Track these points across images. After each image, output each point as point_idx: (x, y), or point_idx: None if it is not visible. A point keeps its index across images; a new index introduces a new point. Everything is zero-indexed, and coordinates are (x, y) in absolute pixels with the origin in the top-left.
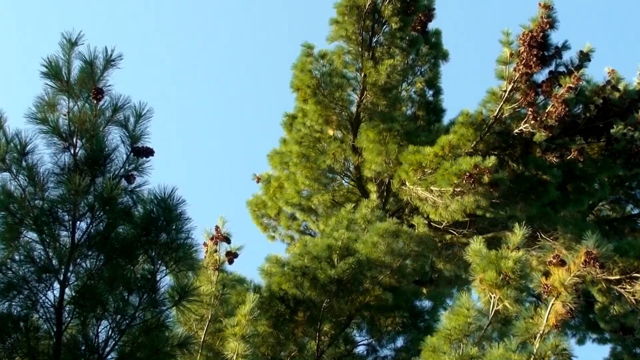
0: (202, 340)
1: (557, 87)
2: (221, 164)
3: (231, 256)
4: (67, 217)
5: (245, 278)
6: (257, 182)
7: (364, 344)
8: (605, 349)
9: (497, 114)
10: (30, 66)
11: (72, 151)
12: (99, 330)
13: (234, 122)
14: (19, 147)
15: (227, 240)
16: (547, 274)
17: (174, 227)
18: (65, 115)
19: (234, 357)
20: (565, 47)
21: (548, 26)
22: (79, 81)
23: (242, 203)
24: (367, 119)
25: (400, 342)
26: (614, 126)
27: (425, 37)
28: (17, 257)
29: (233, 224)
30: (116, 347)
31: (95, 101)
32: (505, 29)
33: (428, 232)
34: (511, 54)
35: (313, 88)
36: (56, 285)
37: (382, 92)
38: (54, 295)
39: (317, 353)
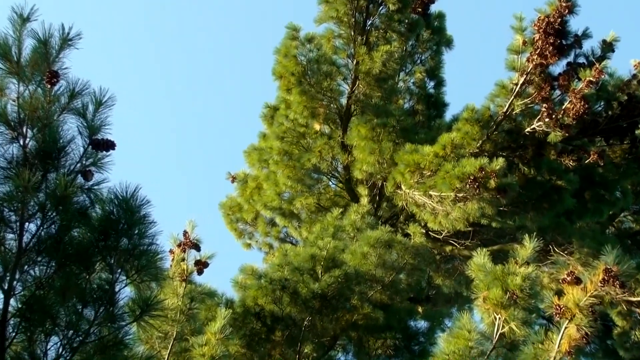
0: None
1: (576, 80)
2: (192, 160)
3: (201, 266)
4: (14, 217)
5: (216, 291)
6: (232, 181)
7: None
8: None
9: (507, 110)
10: None
11: (21, 142)
12: (48, 347)
13: (206, 113)
14: None
15: (196, 247)
16: (560, 294)
17: (136, 231)
18: (14, 100)
19: None
20: (586, 35)
21: (567, 11)
22: (30, 62)
23: (215, 205)
24: (359, 112)
25: None
26: None
27: (427, 21)
28: None
29: (204, 229)
30: None
31: (49, 86)
32: (518, 12)
33: (425, 243)
34: (524, 42)
35: (298, 76)
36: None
37: (376, 83)
38: None
39: None
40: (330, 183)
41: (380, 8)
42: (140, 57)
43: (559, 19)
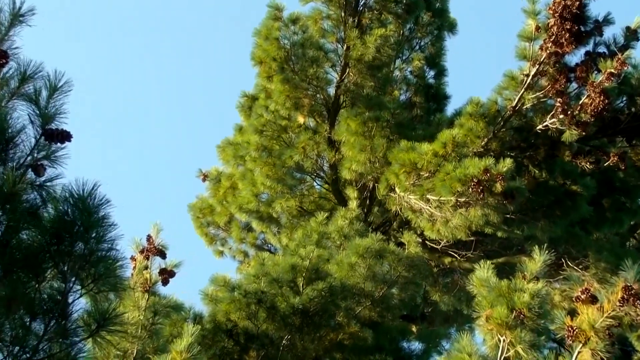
0: None
1: (595, 72)
2: (158, 156)
3: (166, 275)
4: None
5: (183, 304)
6: (203, 180)
7: None
8: None
9: (517, 105)
10: None
11: None
12: None
13: (176, 102)
14: None
15: (161, 254)
16: (573, 314)
17: (93, 234)
18: None
19: None
20: (607, 21)
21: None
22: None
23: (183, 207)
24: (349, 104)
25: None
26: None
27: (428, 1)
28: None
29: (170, 233)
30: None
31: None
32: None
33: (422, 253)
34: (537, 28)
35: (280, 62)
36: None
37: (369, 71)
38: None
39: None
40: (315, 184)
41: None
42: (101, 38)
43: (577, 2)
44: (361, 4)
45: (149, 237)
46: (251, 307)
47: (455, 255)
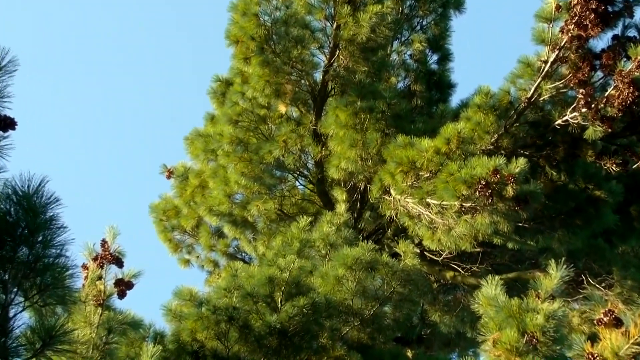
0: None
1: (624, 60)
2: (117, 149)
3: (123, 286)
4: None
5: (142, 320)
6: (168, 177)
7: None
8: None
9: (532, 96)
10: None
11: None
12: None
13: (139, 86)
14: None
15: (118, 262)
16: (593, 339)
17: (40, 238)
18: None
19: None
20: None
21: None
22: None
23: (145, 208)
24: (338, 92)
25: None
26: None
27: None
28: None
29: (129, 238)
30: None
31: None
32: None
33: (420, 266)
34: (558, 7)
35: (260, 41)
36: None
37: (362, 54)
38: None
39: None
40: (298, 183)
41: None
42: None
43: None
44: None
45: (103, 243)
46: (221, 326)
47: (459, 269)
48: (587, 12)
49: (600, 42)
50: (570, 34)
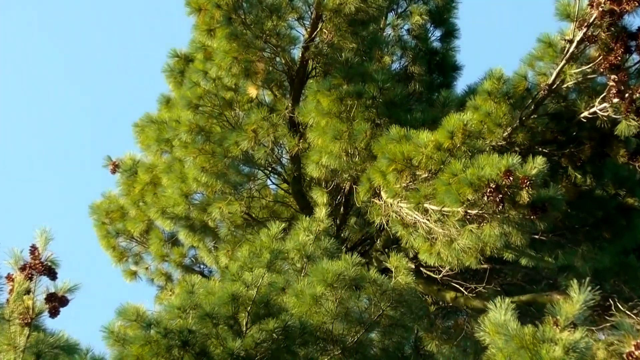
0: None
1: None
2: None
3: (56, 302)
4: None
5: (77, 344)
6: (113, 172)
7: None
8: None
9: (554, 82)
10: None
11: None
12: None
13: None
14: None
15: (50, 273)
16: None
17: None
18: None
19: None
20: None
21: None
22: None
23: (84, 208)
24: (321, 73)
25: None
26: None
27: None
28: None
29: (64, 244)
30: None
31: None
32: None
33: (415, 285)
34: None
35: (227, 9)
36: None
37: (349, 27)
38: None
39: None
40: (269, 182)
41: None
42: None
43: None
44: None
45: (33, 249)
46: (173, 352)
47: (461, 289)
48: None
49: (637, 19)
50: (601, 8)
